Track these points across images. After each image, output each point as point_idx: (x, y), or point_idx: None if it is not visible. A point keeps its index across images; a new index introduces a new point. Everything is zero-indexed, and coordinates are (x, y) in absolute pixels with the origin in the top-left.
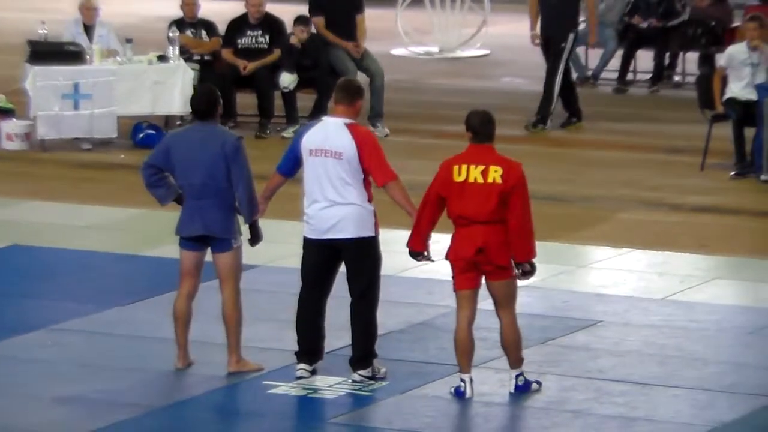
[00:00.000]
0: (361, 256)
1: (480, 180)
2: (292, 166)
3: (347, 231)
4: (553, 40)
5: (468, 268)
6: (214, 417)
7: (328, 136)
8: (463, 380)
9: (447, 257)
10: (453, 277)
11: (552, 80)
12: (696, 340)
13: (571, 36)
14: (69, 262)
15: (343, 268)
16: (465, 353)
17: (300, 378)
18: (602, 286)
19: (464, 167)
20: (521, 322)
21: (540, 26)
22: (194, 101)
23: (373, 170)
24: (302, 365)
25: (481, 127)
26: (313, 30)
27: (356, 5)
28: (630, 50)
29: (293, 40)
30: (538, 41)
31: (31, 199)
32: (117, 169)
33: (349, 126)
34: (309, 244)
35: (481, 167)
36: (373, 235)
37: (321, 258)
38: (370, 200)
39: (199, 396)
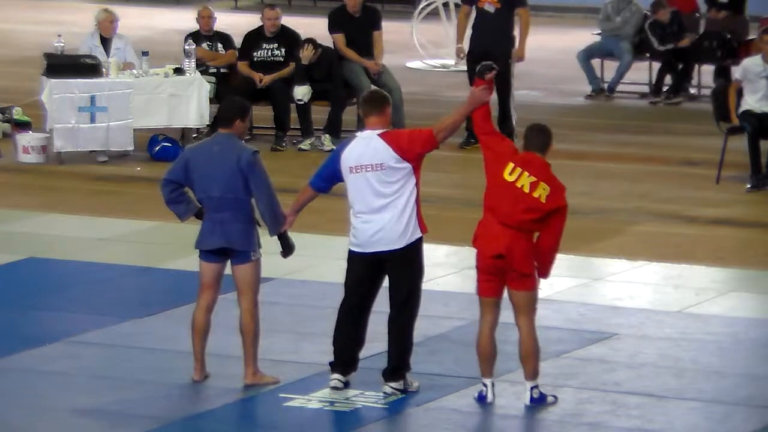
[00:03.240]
0: (404, 265)
1: (526, 189)
2: (326, 183)
3: (392, 243)
4: (498, 56)
5: (491, 271)
6: (230, 430)
7: (366, 151)
8: (485, 385)
9: (473, 243)
10: (477, 282)
11: (507, 97)
12: (712, 352)
13: (513, 50)
14: (85, 275)
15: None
16: (486, 359)
17: (334, 388)
18: (618, 298)
19: (518, 170)
20: (537, 335)
21: (476, 44)
22: (220, 107)
23: (419, 138)
24: (336, 375)
25: (527, 133)
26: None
27: (374, 22)
28: (666, 67)
29: (306, 52)
30: (463, 56)
31: (47, 211)
32: (133, 182)
33: (381, 135)
34: (354, 258)
35: (532, 179)
36: (420, 236)
37: (366, 272)
38: (417, 200)
39: (216, 409)
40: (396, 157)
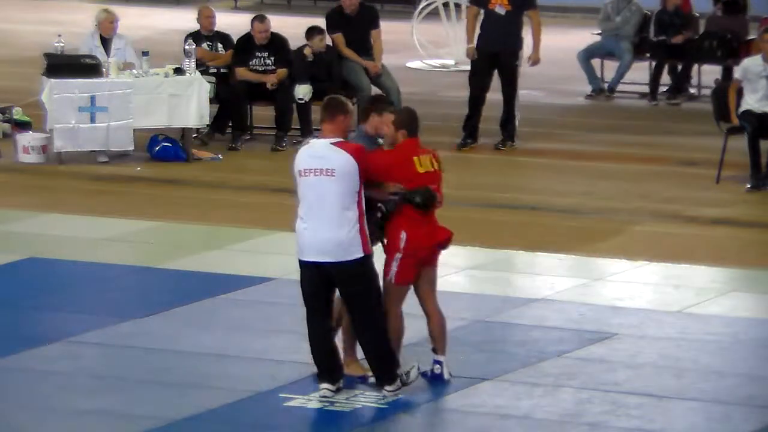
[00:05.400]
0: (351, 280)
1: (431, 168)
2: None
3: (332, 255)
4: (505, 57)
5: (421, 258)
6: (230, 430)
7: (318, 156)
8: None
9: (404, 248)
10: (400, 273)
11: (513, 98)
12: (712, 352)
13: (521, 52)
14: (85, 275)
15: None
16: (400, 338)
17: (324, 398)
18: (618, 298)
19: (421, 158)
20: (538, 335)
21: (485, 44)
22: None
23: (371, 164)
24: (325, 385)
25: (416, 122)
26: (328, 41)
27: (372, 21)
28: (660, 64)
29: (307, 51)
30: (474, 56)
31: (47, 211)
32: (133, 182)
33: (337, 144)
34: (301, 266)
35: (428, 156)
36: (362, 255)
37: (314, 279)
38: (360, 218)
39: (216, 409)
40: (355, 168)
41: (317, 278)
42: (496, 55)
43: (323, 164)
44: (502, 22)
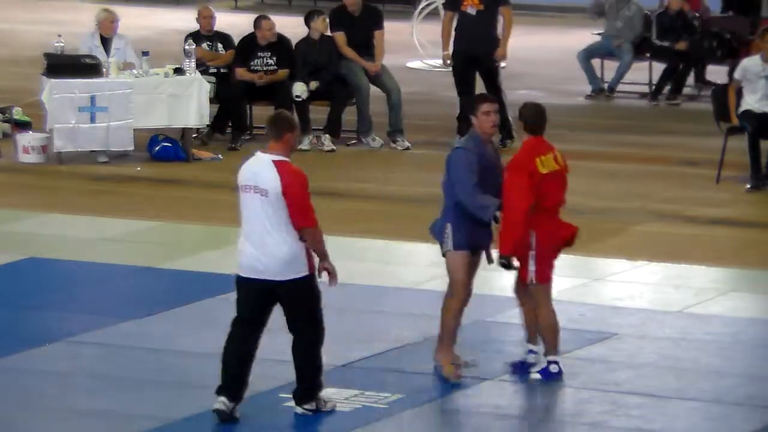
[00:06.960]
0: (295, 298)
1: (555, 166)
2: None
3: (276, 273)
4: (483, 58)
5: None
6: (230, 430)
7: (257, 172)
8: (555, 362)
9: (536, 246)
10: (537, 270)
11: (499, 98)
12: (712, 352)
13: (497, 51)
14: (85, 275)
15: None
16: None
17: (217, 410)
18: (618, 298)
19: (543, 158)
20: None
21: (460, 46)
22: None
23: (293, 212)
24: (222, 398)
25: (539, 119)
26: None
27: (375, 21)
28: (671, 68)
29: (315, 34)
30: (450, 62)
31: (47, 211)
32: (133, 182)
33: (276, 163)
34: (240, 282)
35: (551, 154)
36: (307, 274)
37: (253, 296)
38: (301, 239)
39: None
40: (281, 192)
41: (255, 293)
42: (474, 58)
43: (258, 182)
44: (475, 23)
